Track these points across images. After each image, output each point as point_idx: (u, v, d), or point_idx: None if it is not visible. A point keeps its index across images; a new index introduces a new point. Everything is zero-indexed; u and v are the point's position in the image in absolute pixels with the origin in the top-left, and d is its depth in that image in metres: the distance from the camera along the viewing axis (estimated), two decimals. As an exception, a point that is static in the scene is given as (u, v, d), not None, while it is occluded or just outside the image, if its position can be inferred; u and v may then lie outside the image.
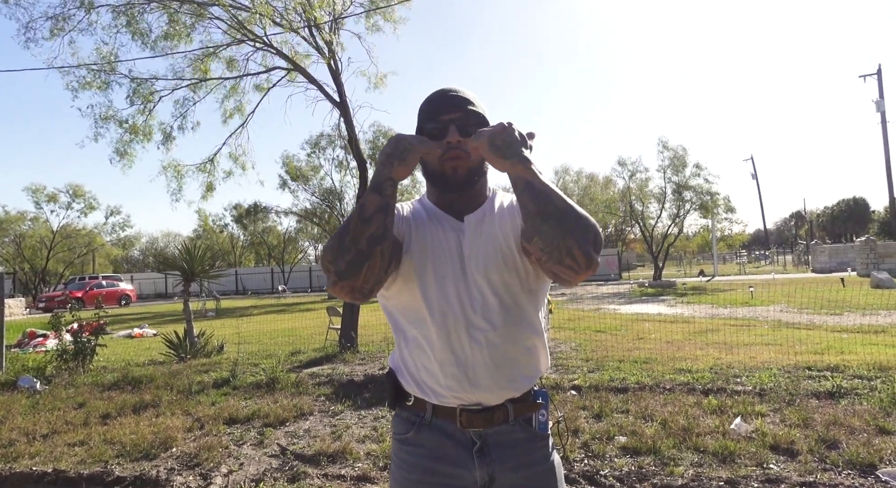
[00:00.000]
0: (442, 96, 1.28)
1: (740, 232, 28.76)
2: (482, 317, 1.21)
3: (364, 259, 1.11)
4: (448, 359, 1.21)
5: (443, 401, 1.25)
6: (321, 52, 9.00)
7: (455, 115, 1.25)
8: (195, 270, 9.08)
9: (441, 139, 1.23)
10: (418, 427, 1.28)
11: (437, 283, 1.22)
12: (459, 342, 1.21)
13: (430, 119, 1.27)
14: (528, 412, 1.28)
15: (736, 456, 3.42)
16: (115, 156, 10.16)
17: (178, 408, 5.20)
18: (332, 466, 3.68)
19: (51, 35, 8.99)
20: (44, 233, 35.83)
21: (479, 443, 1.25)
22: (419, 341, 1.25)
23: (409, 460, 1.29)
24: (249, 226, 35.40)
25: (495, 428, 1.25)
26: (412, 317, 1.25)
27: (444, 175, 1.25)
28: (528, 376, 1.28)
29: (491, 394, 1.23)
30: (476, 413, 1.24)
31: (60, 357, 7.38)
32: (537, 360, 1.29)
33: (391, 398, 1.33)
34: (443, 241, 1.26)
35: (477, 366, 1.21)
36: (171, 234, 56.61)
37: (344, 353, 7.80)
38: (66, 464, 3.83)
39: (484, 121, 1.28)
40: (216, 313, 18.32)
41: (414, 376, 1.27)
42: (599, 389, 5.05)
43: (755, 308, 12.06)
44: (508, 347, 1.23)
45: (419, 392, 1.27)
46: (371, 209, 1.13)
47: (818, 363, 5.69)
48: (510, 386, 1.25)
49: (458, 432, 1.25)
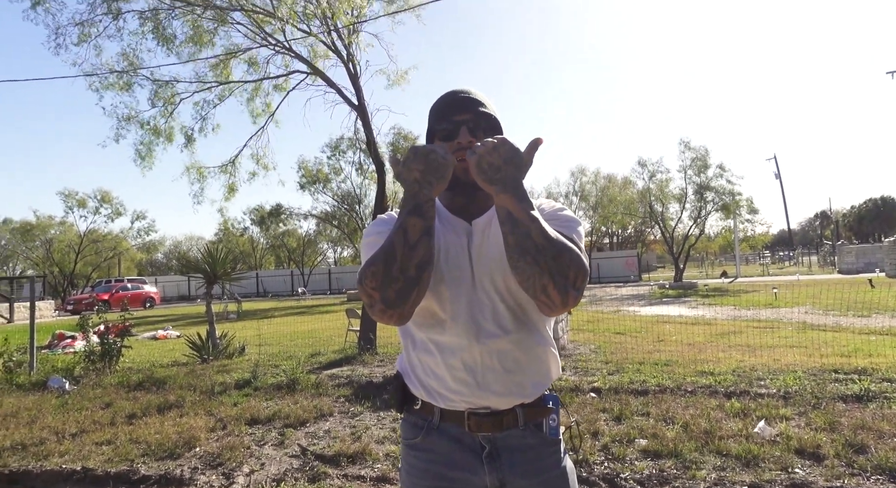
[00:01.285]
0: (453, 98, 1.28)
1: (763, 232, 28.22)
2: (492, 321, 1.21)
3: (413, 285, 1.09)
4: (457, 363, 1.20)
5: (451, 405, 1.24)
6: (340, 55, 9.10)
7: (466, 116, 1.25)
8: (217, 273, 9.22)
9: (452, 140, 1.24)
10: (427, 431, 1.27)
11: (451, 289, 1.21)
12: (469, 347, 1.20)
13: (442, 120, 1.27)
14: (538, 417, 1.27)
15: (760, 460, 3.36)
16: (137, 157, 10.39)
17: (201, 409, 5.29)
18: (351, 467, 3.71)
19: (79, 41, 9.24)
20: (72, 238, 36.74)
21: (489, 448, 1.24)
22: (427, 345, 1.24)
23: (419, 465, 1.27)
24: (270, 229, 35.81)
25: (505, 433, 1.24)
26: (425, 322, 1.24)
27: (455, 176, 1.22)
28: (538, 383, 1.26)
29: (500, 399, 1.22)
30: (484, 417, 1.23)
31: (88, 358, 7.56)
32: (547, 367, 1.28)
33: (398, 401, 1.32)
34: (455, 246, 1.25)
35: (486, 370, 1.20)
36: (193, 237, 57.61)
37: (363, 355, 7.85)
38: (94, 463, 3.93)
39: (495, 122, 1.28)
40: (238, 315, 18.56)
41: (422, 379, 1.26)
42: (619, 392, 5.00)
43: (779, 309, 11.83)
44: (517, 353, 1.22)
45: (427, 395, 1.26)
46: (416, 234, 1.09)
47: (845, 366, 5.56)
48: (519, 392, 1.24)
49: (467, 436, 1.24)
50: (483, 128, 1.25)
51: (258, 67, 10.15)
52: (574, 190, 37.07)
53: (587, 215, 35.55)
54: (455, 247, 1.25)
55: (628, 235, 46.28)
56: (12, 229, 38.53)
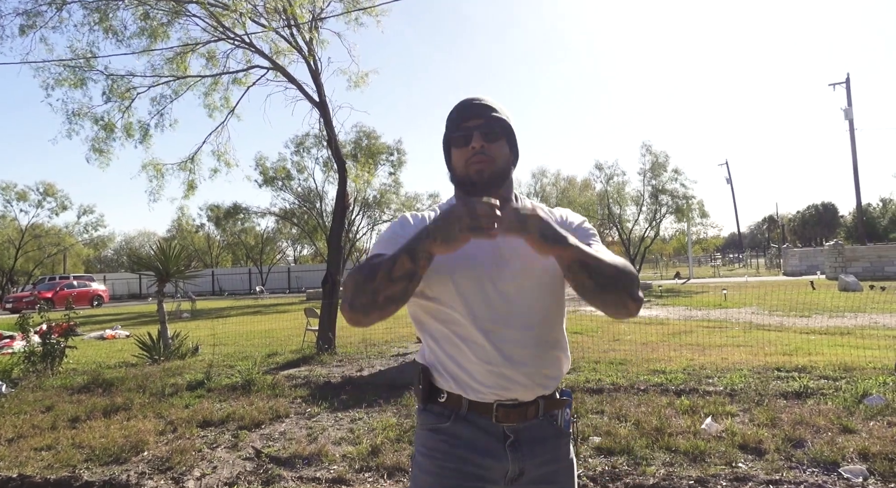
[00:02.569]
0: (466, 105, 1.34)
1: (715, 235, 29.36)
2: (519, 316, 1.27)
3: (376, 309, 1.16)
4: (488, 358, 1.26)
5: (480, 397, 1.28)
6: (300, 51, 8.95)
7: (479, 121, 1.31)
8: (170, 271, 8.93)
9: (466, 146, 1.30)
10: (455, 419, 1.31)
11: (475, 285, 1.26)
12: (497, 341, 1.25)
13: (456, 128, 1.33)
14: (555, 408, 1.35)
15: (706, 455, 3.49)
16: (93, 153, 9.97)
17: (150, 411, 5.11)
18: (307, 469, 3.65)
19: (21, 32, 8.80)
20: (12, 233, 34.86)
21: (513, 438, 1.30)
22: (453, 339, 1.28)
23: (442, 447, 1.31)
24: (227, 227, 34.87)
25: (526, 423, 1.31)
26: (447, 318, 1.29)
27: (469, 179, 1.31)
28: (556, 376, 1.35)
29: (527, 391, 1.29)
30: (511, 408, 1.29)
31: (28, 359, 7.19)
32: (563, 361, 1.37)
33: (424, 394, 1.34)
34: (481, 245, 1.24)
35: (514, 363, 1.26)
36: (146, 234, 55.55)
37: (321, 355, 7.75)
38: (32, 469, 3.74)
39: (508, 127, 1.34)
40: (191, 314, 18.02)
41: (452, 373, 1.30)
42: (575, 390, 5.10)
43: (728, 310, 12.31)
44: (542, 348, 1.30)
45: (457, 388, 1.30)
46: (400, 272, 1.13)
47: (787, 364, 5.84)
48: (543, 385, 1.31)
49: (492, 426, 1.29)
50: (495, 133, 1.31)
51: (216, 62, 9.88)
52: (535, 191, 37.55)
53: (547, 216, 35.97)
54: (478, 244, 1.23)
55: (587, 237, 47.16)
56: (-54, 223, 36.27)
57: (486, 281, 1.27)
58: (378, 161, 26.67)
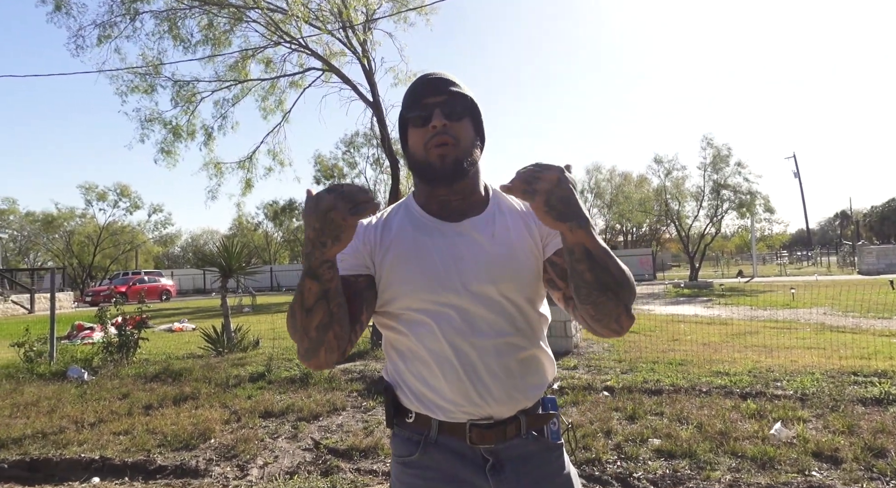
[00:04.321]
0: (424, 81, 1.18)
1: (781, 232, 27.84)
2: (488, 325, 1.13)
3: (318, 345, 1.06)
4: (453, 371, 1.12)
5: (450, 417, 1.15)
6: (355, 52, 9.14)
7: (439, 98, 1.15)
8: (232, 267, 9.31)
9: (426, 125, 1.14)
10: (424, 446, 1.17)
11: (435, 293, 1.13)
12: (466, 353, 1.12)
13: (414, 106, 1.17)
14: (540, 424, 1.20)
15: (776, 462, 3.32)
16: (160, 155, 10.56)
17: (216, 401, 5.35)
18: (364, 461, 3.73)
19: (98, 42, 9.40)
20: (91, 230, 37.36)
21: (492, 461, 1.15)
22: (418, 353, 1.15)
23: (417, 484, 1.17)
24: (284, 223, 36.10)
25: (507, 443, 1.16)
26: (408, 330, 1.16)
27: (429, 164, 1.14)
28: (538, 385, 1.20)
29: (502, 407, 1.15)
30: (487, 428, 1.15)
31: (106, 349, 7.68)
32: (544, 369, 1.22)
33: (390, 416, 1.22)
34: (441, 249, 1.16)
35: (485, 376, 1.12)
36: (209, 231, 58.30)
37: (375, 350, 7.88)
38: (112, 452, 3.99)
39: (472, 103, 1.19)
40: (252, 309, 18.72)
41: (415, 391, 1.17)
42: (633, 390, 4.97)
43: (797, 310, 11.66)
44: (516, 356, 1.16)
45: (423, 408, 1.17)
46: (311, 299, 1.02)
47: (865, 368, 5.46)
48: (521, 397, 1.17)
49: (468, 449, 1.15)
50: (458, 111, 1.15)
51: (274, 67, 10.27)
52: (589, 187, 36.86)
53: (602, 213, 35.31)
54: (438, 249, 1.16)
55: (643, 233, 45.92)
56: (34, 221, 39.31)
57: (445, 288, 1.12)
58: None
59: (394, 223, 1.22)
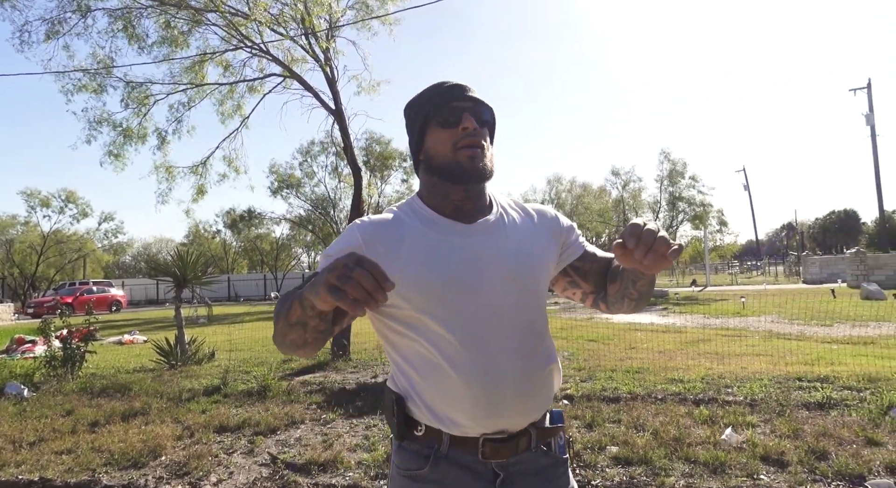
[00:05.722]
0: (451, 85, 1.20)
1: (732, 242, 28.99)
2: (505, 331, 1.12)
3: (292, 350, 1.11)
4: (471, 380, 1.09)
5: (464, 432, 1.11)
6: (317, 59, 9.05)
7: (468, 103, 1.18)
8: (187, 276, 9.02)
9: (455, 126, 1.16)
10: (434, 461, 1.13)
11: (452, 297, 1.10)
12: (486, 363, 1.09)
13: (442, 106, 1.18)
14: (548, 437, 1.19)
15: (727, 466, 3.43)
16: (108, 158, 10.17)
17: (167, 416, 5.15)
18: (322, 475, 3.65)
19: (46, 38, 9.01)
20: (34, 238, 35.58)
21: (503, 475, 1.13)
22: (430, 361, 1.11)
23: None
24: (242, 232, 35.27)
25: (517, 457, 1.15)
26: (420, 336, 1.12)
27: (458, 163, 1.15)
28: (547, 397, 1.20)
29: (517, 419, 1.13)
30: (501, 442, 1.13)
31: (49, 363, 7.30)
32: (553, 380, 1.21)
33: (399, 429, 1.16)
34: (460, 249, 1.14)
35: (505, 388, 1.10)
36: (163, 240, 56.38)
37: (336, 361, 7.77)
38: (53, 473, 3.79)
39: (494, 116, 1.24)
40: (208, 320, 18.16)
41: (428, 404, 1.12)
42: (591, 399, 5.05)
43: (746, 318, 12.12)
44: (532, 365, 1.15)
45: (436, 421, 1.12)
46: (294, 318, 1.02)
47: (808, 374, 5.72)
48: (535, 409, 1.16)
49: (479, 464, 1.13)
50: (485, 118, 1.20)
51: (233, 70, 10.06)
52: (550, 198, 37.45)
53: (562, 223, 35.83)
54: (456, 250, 1.14)
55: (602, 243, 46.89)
56: (-29, 229, 37.14)
57: (464, 291, 1.11)
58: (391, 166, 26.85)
59: (405, 226, 1.18)
